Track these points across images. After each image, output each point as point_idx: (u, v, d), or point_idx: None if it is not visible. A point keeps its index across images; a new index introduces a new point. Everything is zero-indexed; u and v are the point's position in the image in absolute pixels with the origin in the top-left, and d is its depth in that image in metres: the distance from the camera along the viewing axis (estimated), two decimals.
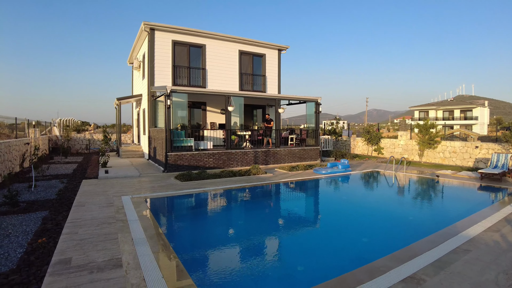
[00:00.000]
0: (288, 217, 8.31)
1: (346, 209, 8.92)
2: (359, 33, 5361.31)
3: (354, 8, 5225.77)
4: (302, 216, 8.52)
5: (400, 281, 3.97)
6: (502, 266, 4.50)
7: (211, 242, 6.20)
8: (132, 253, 4.73)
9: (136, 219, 6.49)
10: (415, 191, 11.20)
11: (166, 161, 13.00)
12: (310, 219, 8.24)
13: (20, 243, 5.42)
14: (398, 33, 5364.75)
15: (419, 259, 4.66)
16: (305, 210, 9.25)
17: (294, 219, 8.11)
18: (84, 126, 35.75)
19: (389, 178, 13.04)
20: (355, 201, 9.81)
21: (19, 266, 4.52)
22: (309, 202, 10.21)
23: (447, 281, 4.03)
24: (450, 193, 10.82)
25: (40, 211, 7.53)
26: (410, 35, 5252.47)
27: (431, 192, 10.99)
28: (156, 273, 4.07)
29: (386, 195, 10.69)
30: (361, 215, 8.16)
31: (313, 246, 6.03)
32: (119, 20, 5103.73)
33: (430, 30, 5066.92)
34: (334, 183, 12.37)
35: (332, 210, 9.02)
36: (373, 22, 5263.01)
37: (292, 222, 7.74)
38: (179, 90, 13.72)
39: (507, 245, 5.30)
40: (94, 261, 4.42)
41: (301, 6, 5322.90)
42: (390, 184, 12.23)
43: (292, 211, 8.87)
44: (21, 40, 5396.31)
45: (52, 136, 24.63)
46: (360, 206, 9.16)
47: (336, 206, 9.40)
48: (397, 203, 9.48)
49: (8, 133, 16.47)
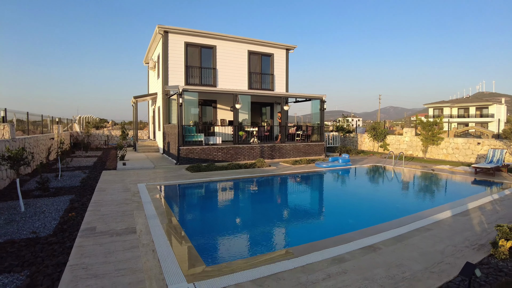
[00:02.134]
0: (283, 201, 9.26)
1: (339, 196, 9.85)
2: (378, 27, 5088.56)
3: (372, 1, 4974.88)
4: (297, 201, 9.44)
5: (359, 248, 4.84)
6: (454, 241, 5.29)
7: (210, 217, 7.53)
8: (144, 224, 5.78)
9: (149, 201, 7.56)
10: (405, 183, 11.93)
11: (178, 155, 14.10)
12: (303, 204, 9.15)
13: (53, 217, 6.55)
14: (418, 27, 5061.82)
15: (383, 234, 5.51)
16: (301, 197, 10.16)
17: (289, 203, 9.05)
18: (103, 123, 37.43)
19: (386, 172, 13.77)
20: (349, 190, 10.72)
21: (55, 232, 5.63)
22: (305, 191, 11.09)
23: (399, 249, 4.87)
24: (439, 185, 11.49)
25: (67, 195, 8.69)
26: (431, 28, 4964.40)
27: (421, 184, 11.71)
28: (162, 236, 5.10)
29: (378, 186, 11.52)
30: (351, 201, 9.08)
31: (298, 222, 7.03)
32: (135, 22, 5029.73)
33: (450, 24, 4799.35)
34: (332, 175, 13.20)
35: (326, 197, 9.99)
36: (392, 16, 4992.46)
37: (285, 206, 8.69)
38: (190, 89, 14.78)
39: (467, 227, 6.07)
40: (114, 229, 5.48)
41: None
42: (384, 176, 12.98)
43: (288, 197, 9.85)
44: (46, 42, 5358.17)
45: (73, 132, 26.21)
46: (352, 194, 10.04)
47: (330, 194, 10.36)
48: (386, 192, 10.32)
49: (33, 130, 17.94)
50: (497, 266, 4.45)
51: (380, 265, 4.29)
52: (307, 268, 4.11)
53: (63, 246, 4.95)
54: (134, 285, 3.60)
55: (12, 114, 13.51)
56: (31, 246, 4.97)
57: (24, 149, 7.70)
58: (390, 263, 4.36)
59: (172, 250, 4.57)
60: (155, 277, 3.79)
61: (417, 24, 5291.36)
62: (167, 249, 4.59)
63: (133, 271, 3.93)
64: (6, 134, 11.02)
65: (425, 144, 18.75)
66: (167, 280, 3.70)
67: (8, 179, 10.17)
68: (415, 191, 10.50)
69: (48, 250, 4.82)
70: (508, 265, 4.49)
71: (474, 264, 3.70)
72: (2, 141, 9.93)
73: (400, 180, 12.31)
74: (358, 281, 3.81)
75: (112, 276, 3.81)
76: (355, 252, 4.68)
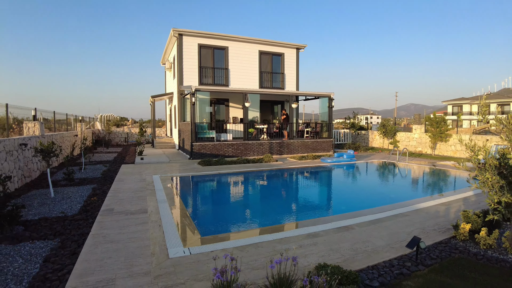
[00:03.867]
0: (279, 190, 10.09)
1: (335, 187, 10.73)
2: (400, 20, 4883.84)
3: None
4: (293, 191, 10.30)
5: (335, 228, 5.60)
6: (424, 225, 5.94)
7: (211, 201, 8.74)
8: (155, 206, 6.75)
9: (161, 189, 8.54)
10: (402, 176, 12.50)
11: (191, 150, 15.11)
12: (298, 193, 9.98)
13: (78, 201, 7.61)
14: (439, 20, 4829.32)
15: (362, 218, 6.23)
16: (298, 187, 11.11)
17: (285, 192, 9.86)
18: (123, 121, 39.13)
19: (387, 167, 14.32)
20: (346, 182, 11.52)
21: (80, 212, 6.68)
22: (305, 182, 11.89)
23: (371, 230, 5.59)
24: (435, 179, 11.97)
25: (90, 184, 9.80)
26: (454, 22, 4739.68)
27: (417, 177, 12.23)
28: (169, 215, 6.05)
29: (375, 178, 12.28)
30: (345, 191, 9.85)
31: (289, 207, 7.97)
32: (152, 24, 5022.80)
33: (476, 18, 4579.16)
34: (335, 169, 13.88)
35: (323, 187, 10.82)
36: (420, 7, 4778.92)
37: (280, 194, 9.51)
38: (202, 89, 15.76)
39: (442, 214, 6.69)
40: (129, 210, 6.47)
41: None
42: (384, 170, 13.58)
43: (286, 187, 10.77)
44: (71, 44, 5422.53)
45: (95, 130, 27.80)
46: (348, 185, 10.82)
47: (327, 185, 11.17)
48: (381, 184, 11.08)
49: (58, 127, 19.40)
50: (455, 246, 5.08)
51: (348, 240, 5.04)
52: (283, 240, 4.92)
53: (86, 222, 5.98)
54: (141, 248, 4.52)
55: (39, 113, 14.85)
56: (60, 222, 6.02)
57: (53, 143, 8.83)
58: (357, 239, 5.11)
59: (175, 225, 5.50)
60: (159, 243, 4.70)
61: (443, 18, 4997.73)
62: (171, 224, 5.52)
63: (142, 239, 4.87)
64: (36, 131, 12.27)
65: (433, 140, 19.03)
66: (167, 245, 4.61)
67: (39, 171, 11.41)
68: (408, 184, 11.09)
69: (74, 224, 5.85)
70: (466, 246, 5.12)
71: (419, 238, 4.41)
72: (34, 137, 11.17)
73: (398, 174, 12.91)
74: (323, 251, 4.59)
75: (124, 242, 4.76)
76: (330, 230, 5.44)
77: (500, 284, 3.82)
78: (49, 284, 3.72)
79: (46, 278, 3.85)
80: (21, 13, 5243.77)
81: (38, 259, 4.45)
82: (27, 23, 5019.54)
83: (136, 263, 4.07)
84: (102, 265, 4.01)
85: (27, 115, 12.78)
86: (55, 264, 4.25)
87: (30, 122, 12.25)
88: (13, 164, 9.04)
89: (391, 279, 3.94)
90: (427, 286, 3.86)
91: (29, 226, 5.76)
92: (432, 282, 3.96)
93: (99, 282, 3.58)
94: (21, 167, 9.63)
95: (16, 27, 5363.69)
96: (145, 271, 3.84)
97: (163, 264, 4.05)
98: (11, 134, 11.15)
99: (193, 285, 3.53)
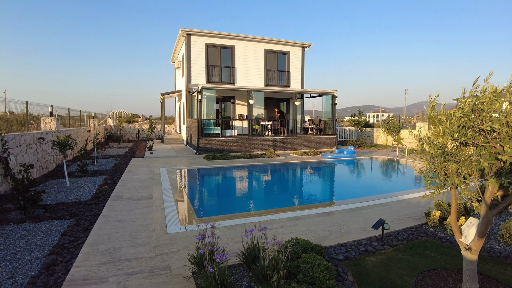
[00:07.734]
0: (275, 182, 10.77)
1: (331, 179, 11.35)
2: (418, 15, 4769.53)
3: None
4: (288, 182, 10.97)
5: (317, 213, 6.24)
6: (401, 213, 6.50)
7: (210, 190, 9.63)
8: (159, 194, 7.53)
9: (167, 179, 9.32)
10: (397, 171, 13.03)
11: (198, 145, 15.88)
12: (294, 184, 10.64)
13: (91, 190, 8.44)
14: (453, 16, 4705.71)
15: (344, 206, 6.85)
16: (295, 179, 11.77)
17: (281, 183, 10.52)
18: (134, 118, 40.26)
19: (385, 162, 14.81)
20: (341, 175, 12.17)
21: (92, 198, 7.49)
22: (302, 175, 12.55)
23: (349, 215, 6.21)
24: None
25: (102, 175, 10.64)
26: (471, 18, 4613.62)
27: (411, 172, 12.70)
28: (171, 201, 6.81)
29: (370, 172, 12.88)
30: (338, 183, 10.42)
31: (281, 196, 8.68)
32: (163, 24, 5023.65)
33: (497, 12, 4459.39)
34: (333, 164, 14.45)
35: (317, 180, 11.44)
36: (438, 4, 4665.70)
37: (275, 184, 10.18)
38: (208, 86, 16.50)
39: (422, 204, 7.22)
40: (136, 196, 7.25)
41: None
42: (380, 166, 14.12)
43: (282, 179, 11.46)
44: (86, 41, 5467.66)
45: (107, 126, 28.89)
46: (342, 178, 11.44)
47: (323, 177, 11.79)
48: (372, 177, 11.67)
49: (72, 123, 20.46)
50: (424, 231, 5.63)
51: (326, 223, 5.68)
52: (268, 221, 5.59)
53: (98, 206, 6.78)
54: (144, 226, 5.27)
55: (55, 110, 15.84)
56: (75, 206, 6.83)
57: (69, 137, 9.67)
58: (335, 222, 5.74)
59: (176, 209, 6.25)
60: (160, 222, 5.45)
61: (459, 13, 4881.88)
62: (173, 208, 6.26)
63: (145, 219, 5.62)
64: (53, 126, 13.20)
65: None
66: (167, 223, 5.36)
67: (55, 163, 12.32)
68: (399, 177, 11.65)
69: (87, 208, 6.66)
70: (435, 231, 5.68)
71: (384, 220, 5.02)
72: (50, 132, 12.08)
73: (392, 169, 13.42)
74: (301, 231, 5.24)
75: (130, 220, 5.52)
76: (312, 215, 6.09)
77: (454, 262, 4.39)
78: (66, 251, 4.49)
79: (64, 247, 4.64)
80: (38, 15, 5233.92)
81: (57, 233, 5.23)
82: (45, 24, 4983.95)
83: (139, 236, 4.82)
84: (110, 237, 4.77)
85: (43, 112, 13.75)
86: (71, 237, 5.04)
87: (47, 118, 13.19)
88: (33, 156, 9.93)
89: (356, 255, 4.57)
90: (387, 261, 4.48)
91: (48, 209, 6.58)
92: (392, 258, 4.57)
93: (107, 250, 4.33)
94: (39, 159, 10.53)
95: (32, 28, 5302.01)
96: (145, 242, 4.58)
97: (162, 238, 4.78)
98: (30, 129, 12.10)
99: (184, 252, 4.24)
